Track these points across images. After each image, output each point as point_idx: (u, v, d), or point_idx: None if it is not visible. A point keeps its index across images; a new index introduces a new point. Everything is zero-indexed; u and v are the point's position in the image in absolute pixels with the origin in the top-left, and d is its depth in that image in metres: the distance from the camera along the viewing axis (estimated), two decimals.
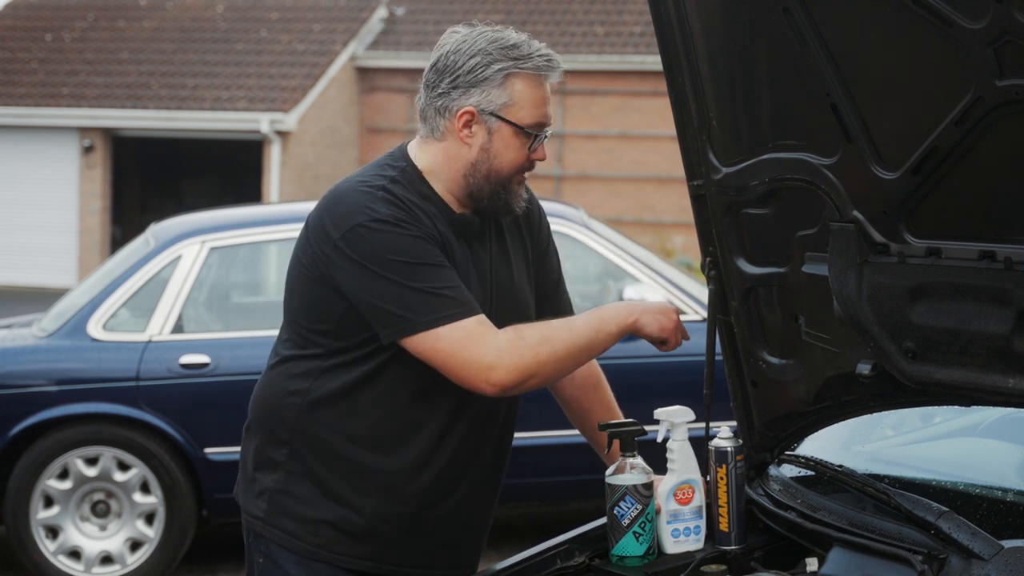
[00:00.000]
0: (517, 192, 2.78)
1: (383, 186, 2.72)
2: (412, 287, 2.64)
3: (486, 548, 3.00)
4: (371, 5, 23.73)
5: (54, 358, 6.54)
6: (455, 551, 2.88)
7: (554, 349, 2.66)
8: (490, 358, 2.63)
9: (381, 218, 2.66)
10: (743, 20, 2.52)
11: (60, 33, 23.84)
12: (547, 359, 2.66)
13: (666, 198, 21.65)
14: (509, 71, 2.71)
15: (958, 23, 2.15)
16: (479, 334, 2.64)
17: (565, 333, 2.69)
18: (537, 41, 2.77)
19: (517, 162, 2.75)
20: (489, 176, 2.75)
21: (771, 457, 2.95)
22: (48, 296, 12.35)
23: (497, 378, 2.63)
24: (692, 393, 3.46)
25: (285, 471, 2.82)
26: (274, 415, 2.84)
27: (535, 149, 2.76)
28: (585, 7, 23.39)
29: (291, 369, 2.83)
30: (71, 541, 6.44)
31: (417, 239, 2.67)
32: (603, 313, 2.74)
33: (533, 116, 2.73)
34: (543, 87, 2.74)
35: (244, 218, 7.19)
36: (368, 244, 2.66)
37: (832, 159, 2.48)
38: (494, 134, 2.73)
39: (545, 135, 2.77)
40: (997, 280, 2.32)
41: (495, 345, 2.63)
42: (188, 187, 24.45)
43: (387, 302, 2.66)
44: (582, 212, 7.23)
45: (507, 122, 2.72)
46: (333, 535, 2.78)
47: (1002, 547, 2.36)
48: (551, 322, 2.73)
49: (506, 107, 2.72)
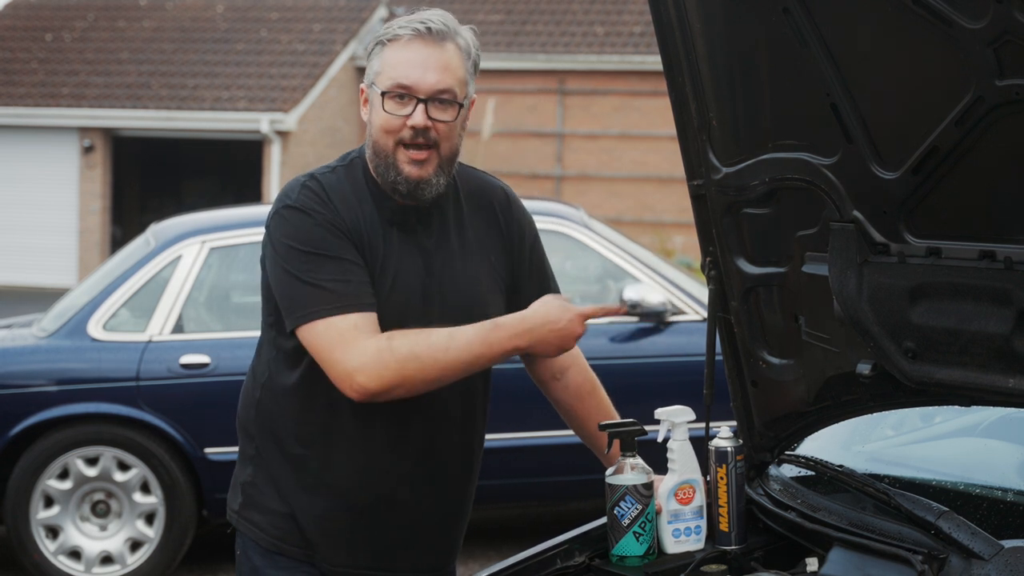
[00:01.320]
0: (404, 171, 2.70)
1: (312, 174, 2.77)
2: (300, 278, 2.66)
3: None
4: (371, 5, 23.73)
5: (54, 358, 6.54)
6: (417, 554, 2.86)
7: (421, 366, 2.60)
8: (354, 363, 2.60)
9: (292, 204, 2.71)
10: (743, 20, 2.52)
11: (60, 33, 23.84)
12: (412, 374, 2.60)
13: (666, 198, 21.65)
14: (379, 40, 2.75)
15: (958, 23, 2.15)
16: (350, 337, 2.61)
17: (438, 352, 2.61)
18: (439, 12, 2.75)
19: (386, 126, 2.70)
20: (375, 149, 2.74)
21: (771, 457, 2.95)
22: (48, 296, 12.36)
23: (359, 384, 2.60)
24: (692, 393, 3.46)
25: (254, 465, 2.86)
26: (245, 410, 2.89)
27: (409, 114, 2.68)
28: (585, 7, 23.39)
29: (256, 365, 2.88)
30: (71, 541, 6.44)
31: (318, 227, 2.67)
32: (491, 335, 2.64)
33: (392, 77, 2.70)
34: (409, 49, 2.70)
35: (244, 218, 7.19)
36: (277, 230, 2.72)
37: (832, 159, 2.48)
38: (372, 104, 2.75)
39: (422, 99, 2.68)
40: (997, 280, 2.32)
41: (361, 351, 2.60)
42: (188, 187, 24.45)
43: (281, 290, 2.70)
44: (582, 212, 7.24)
45: (375, 89, 2.72)
46: (290, 529, 2.80)
47: (1002, 547, 2.36)
48: (432, 334, 2.63)
49: (376, 75, 2.73)
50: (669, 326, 6.67)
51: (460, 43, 2.73)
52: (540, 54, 22.15)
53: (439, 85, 2.69)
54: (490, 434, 3.00)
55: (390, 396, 2.63)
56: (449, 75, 2.70)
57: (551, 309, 2.67)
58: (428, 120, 2.69)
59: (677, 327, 6.67)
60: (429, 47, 2.69)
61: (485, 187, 2.91)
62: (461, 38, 2.74)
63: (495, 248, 2.87)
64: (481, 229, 2.86)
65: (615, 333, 6.66)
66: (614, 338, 6.63)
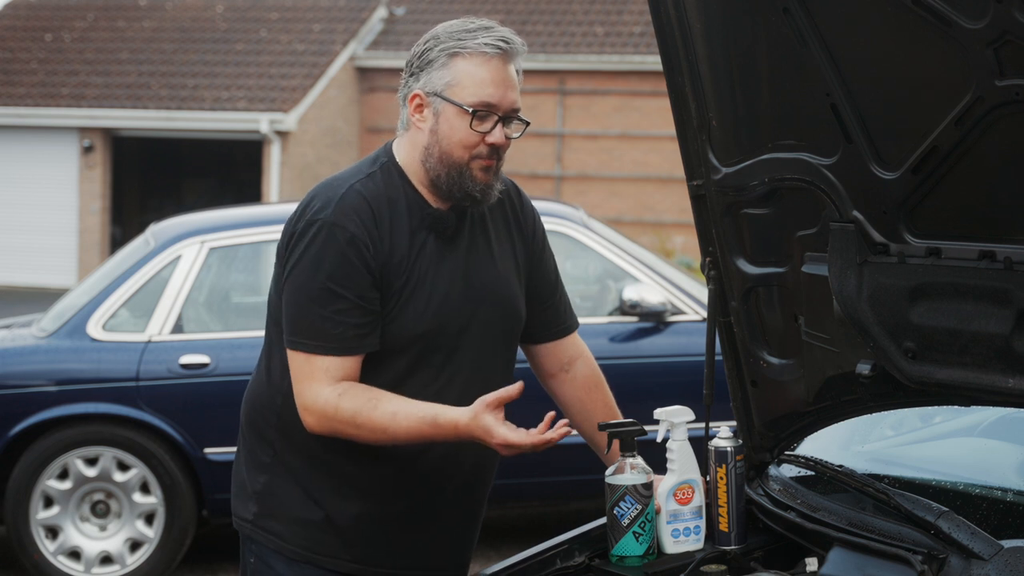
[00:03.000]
0: (478, 178, 2.72)
1: (353, 185, 2.73)
2: (302, 303, 2.69)
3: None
4: (371, 5, 23.72)
5: (54, 358, 6.54)
6: (442, 551, 2.87)
7: (358, 432, 2.68)
8: (306, 402, 2.70)
9: (330, 220, 2.69)
10: (743, 20, 2.52)
11: (60, 33, 23.83)
12: (350, 434, 2.70)
13: (666, 198, 21.65)
14: (452, 51, 2.71)
15: (958, 23, 2.15)
16: (316, 378, 2.68)
17: (376, 429, 2.66)
18: (504, 28, 2.75)
19: (465, 142, 2.70)
20: (442, 160, 2.72)
21: (771, 457, 2.95)
22: (48, 296, 12.36)
23: (306, 422, 2.72)
24: (691, 393, 3.46)
25: (271, 473, 2.83)
26: (260, 415, 2.86)
27: (489, 131, 2.70)
28: (585, 7, 23.39)
29: (270, 366, 2.84)
30: (71, 541, 6.44)
31: (344, 257, 2.67)
32: (428, 432, 2.65)
33: (476, 95, 2.69)
34: (491, 67, 2.70)
35: (244, 218, 7.19)
36: (310, 243, 2.69)
37: (832, 159, 2.48)
38: (440, 115, 2.72)
39: (500, 117, 2.70)
40: (997, 280, 2.32)
41: (315, 395, 2.68)
42: (188, 187, 24.45)
43: (288, 302, 2.73)
44: (582, 212, 7.23)
45: (450, 102, 2.70)
46: (317, 537, 2.78)
47: (1002, 547, 2.36)
48: (378, 406, 2.66)
49: (449, 87, 2.70)
50: (669, 326, 6.67)
51: (521, 62, 2.77)
52: (540, 54, 22.15)
53: (515, 104, 2.74)
54: None
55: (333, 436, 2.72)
56: (518, 94, 2.75)
57: (481, 432, 2.65)
58: (505, 139, 2.73)
59: (677, 327, 6.66)
60: (507, 65, 2.72)
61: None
62: (521, 57, 2.78)
63: (515, 245, 2.90)
64: (501, 227, 2.88)
65: (615, 333, 6.66)
66: (614, 338, 6.63)
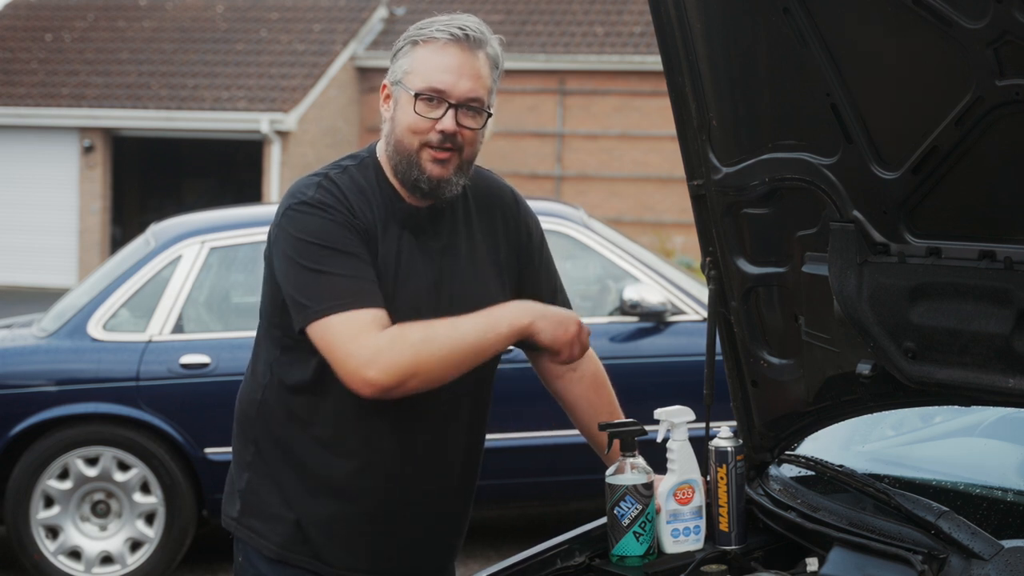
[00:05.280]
0: (426, 169, 2.70)
1: (325, 174, 2.75)
2: (315, 271, 2.64)
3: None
4: (371, 5, 23.73)
5: (54, 358, 6.54)
6: (419, 556, 2.86)
7: (437, 348, 2.59)
8: (367, 355, 2.57)
9: (307, 200, 2.69)
10: (743, 20, 2.52)
11: (60, 33, 23.84)
12: (428, 359, 2.59)
13: (666, 198, 21.65)
14: (413, 39, 2.73)
15: (958, 23, 2.15)
16: (364, 330, 2.59)
17: (449, 332, 2.61)
18: (473, 19, 2.75)
19: (413, 127, 2.69)
20: (397, 147, 2.73)
21: (771, 457, 2.95)
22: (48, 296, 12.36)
23: (372, 377, 2.57)
24: (692, 393, 3.46)
25: (253, 471, 2.84)
26: (245, 414, 2.86)
27: (439, 118, 2.68)
28: (585, 7, 23.39)
29: (257, 366, 2.84)
30: (71, 541, 6.44)
31: (335, 224, 2.66)
32: (495, 312, 2.66)
33: (425, 80, 2.69)
34: (446, 53, 2.69)
35: (244, 218, 7.19)
36: (291, 225, 2.69)
37: (832, 159, 2.48)
38: (397, 103, 2.74)
39: (452, 104, 2.68)
40: (997, 280, 2.32)
41: (374, 343, 2.58)
42: (188, 187, 24.46)
43: (293, 287, 2.67)
44: (582, 212, 7.24)
45: (404, 88, 2.71)
46: (293, 536, 2.78)
47: (1002, 547, 2.36)
48: (435, 322, 2.64)
49: (406, 74, 2.72)
50: (669, 326, 6.67)
51: (490, 52, 2.74)
52: (540, 54, 22.15)
53: (471, 93, 2.70)
54: (490, 434, 2.99)
55: (403, 390, 2.60)
56: (480, 84, 2.71)
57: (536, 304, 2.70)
58: (457, 126, 2.69)
59: (677, 327, 6.67)
60: (464, 53, 2.70)
61: (493, 187, 2.91)
62: (491, 47, 2.75)
63: (503, 249, 2.87)
64: (489, 230, 2.86)
65: (615, 333, 6.66)
66: (614, 338, 6.63)
